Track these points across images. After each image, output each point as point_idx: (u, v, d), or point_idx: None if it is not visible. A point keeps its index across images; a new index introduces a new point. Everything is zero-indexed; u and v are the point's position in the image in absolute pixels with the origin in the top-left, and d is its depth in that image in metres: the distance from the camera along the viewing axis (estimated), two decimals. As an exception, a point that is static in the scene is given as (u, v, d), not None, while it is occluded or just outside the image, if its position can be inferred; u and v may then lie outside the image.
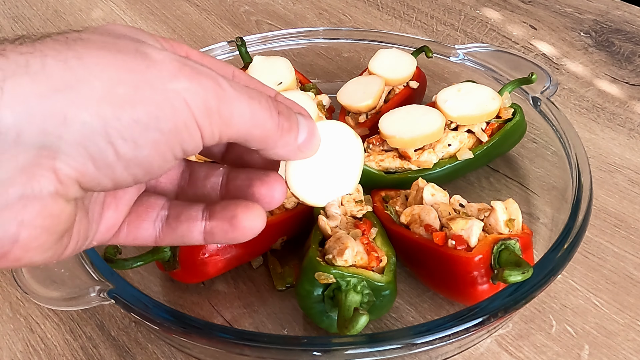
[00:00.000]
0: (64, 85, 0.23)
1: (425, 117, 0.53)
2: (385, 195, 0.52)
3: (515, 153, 0.60)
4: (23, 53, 0.23)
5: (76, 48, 0.24)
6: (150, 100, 0.25)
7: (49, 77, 0.23)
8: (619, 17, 0.82)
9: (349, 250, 0.42)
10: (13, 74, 0.22)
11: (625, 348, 0.45)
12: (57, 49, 0.24)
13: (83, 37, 0.25)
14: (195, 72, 0.26)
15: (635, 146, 0.62)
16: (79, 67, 0.24)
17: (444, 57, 0.64)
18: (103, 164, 0.24)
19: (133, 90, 0.24)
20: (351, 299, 0.41)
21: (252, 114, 0.28)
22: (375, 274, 0.43)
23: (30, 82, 0.23)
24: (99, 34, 0.26)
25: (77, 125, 0.23)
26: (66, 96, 0.23)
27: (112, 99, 0.24)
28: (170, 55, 0.26)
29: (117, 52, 0.25)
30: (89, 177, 0.24)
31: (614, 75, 0.72)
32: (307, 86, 0.62)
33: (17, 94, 0.22)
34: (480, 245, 0.42)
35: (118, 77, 0.24)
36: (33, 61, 0.23)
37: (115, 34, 0.27)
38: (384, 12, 0.86)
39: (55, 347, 0.46)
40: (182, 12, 0.87)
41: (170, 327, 0.38)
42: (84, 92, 0.23)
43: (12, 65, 0.23)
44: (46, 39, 0.24)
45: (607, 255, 0.51)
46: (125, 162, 0.25)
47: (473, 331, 0.38)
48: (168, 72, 0.25)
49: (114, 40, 0.26)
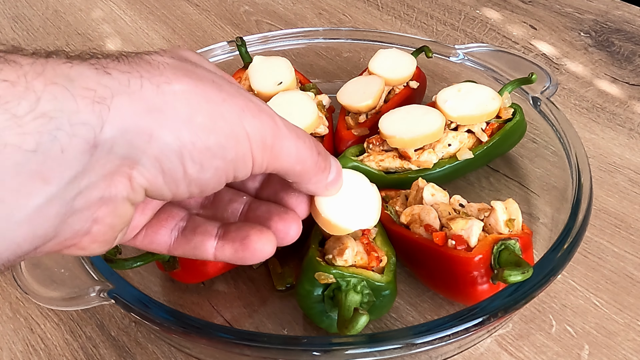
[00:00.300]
0: (155, 107, 0.26)
1: (425, 117, 0.53)
2: (385, 195, 0.52)
3: (515, 153, 0.60)
4: (124, 72, 0.26)
5: (166, 73, 0.27)
6: (221, 131, 0.28)
7: (143, 98, 0.26)
8: (619, 17, 0.82)
9: (349, 250, 0.42)
10: (118, 92, 0.25)
11: (625, 348, 0.45)
12: (151, 71, 0.27)
13: (168, 62, 0.28)
14: (258, 108, 0.30)
15: (635, 146, 0.62)
16: (169, 92, 0.27)
17: (444, 57, 0.64)
18: (171, 179, 0.28)
19: (209, 120, 0.28)
20: (351, 299, 0.41)
21: (297, 151, 0.32)
22: (375, 274, 0.43)
23: (129, 102, 0.25)
24: (177, 59, 0.29)
25: (159, 143, 0.27)
26: (155, 117, 0.26)
27: (192, 125, 0.27)
28: (238, 90, 0.30)
29: (199, 81, 0.28)
30: (156, 188, 0.28)
31: (614, 75, 0.72)
32: (307, 86, 0.62)
33: (118, 112, 0.25)
34: (480, 245, 0.42)
35: (199, 105, 0.28)
36: (133, 81, 0.26)
37: (189, 60, 0.30)
38: (384, 12, 0.86)
39: (55, 347, 0.46)
40: (182, 12, 0.87)
41: (170, 327, 0.38)
42: (170, 116, 0.27)
43: (116, 83, 0.25)
44: (137, 61, 0.27)
45: (607, 255, 0.51)
46: (188, 181, 0.28)
47: (473, 331, 0.38)
48: (238, 107, 0.29)
49: (193, 68, 0.29)
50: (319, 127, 0.57)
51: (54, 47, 0.80)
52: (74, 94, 0.24)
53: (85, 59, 0.26)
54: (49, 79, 0.24)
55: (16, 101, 0.23)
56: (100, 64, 0.26)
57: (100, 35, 0.83)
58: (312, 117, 0.55)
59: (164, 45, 0.80)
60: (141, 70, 0.27)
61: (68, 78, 0.24)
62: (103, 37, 0.82)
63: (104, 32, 0.84)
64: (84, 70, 0.25)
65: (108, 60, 0.26)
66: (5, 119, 0.22)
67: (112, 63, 0.26)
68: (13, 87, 0.23)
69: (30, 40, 0.82)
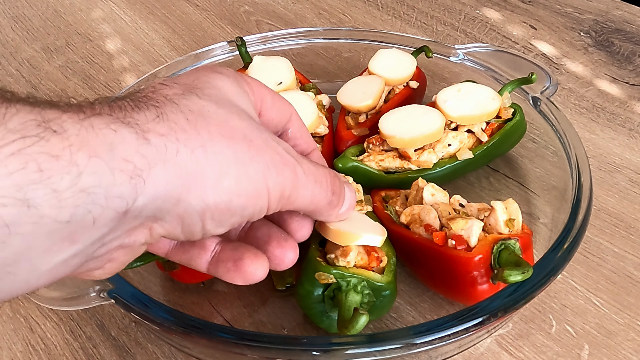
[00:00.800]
0: (187, 174, 0.27)
1: (425, 117, 0.53)
2: (385, 195, 0.52)
3: (515, 153, 0.60)
4: (162, 135, 0.27)
5: (202, 133, 0.28)
6: (245, 192, 0.30)
7: (178, 164, 0.27)
8: (619, 17, 0.82)
9: (353, 252, 0.42)
10: (154, 163, 0.26)
11: (625, 348, 0.45)
12: (187, 131, 0.28)
13: (204, 112, 0.29)
14: (283, 162, 0.31)
15: (635, 146, 0.62)
16: (202, 157, 0.28)
17: (444, 57, 0.64)
18: (188, 230, 0.29)
19: (235, 183, 0.29)
20: (351, 299, 0.41)
21: (312, 196, 0.33)
22: (375, 274, 0.43)
23: (164, 170, 0.26)
24: (214, 102, 0.30)
25: (185, 205, 0.28)
26: (185, 183, 0.27)
27: (218, 189, 0.29)
28: (266, 141, 0.31)
29: (231, 139, 0.29)
30: (173, 235, 0.29)
31: (614, 75, 0.72)
32: (307, 86, 0.62)
33: (153, 183, 0.26)
34: (480, 245, 0.42)
35: (227, 167, 0.29)
36: (170, 148, 0.27)
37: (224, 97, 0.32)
38: (384, 12, 0.86)
39: (55, 347, 0.46)
40: (182, 12, 0.87)
41: (170, 327, 0.38)
42: (199, 180, 0.28)
43: (154, 151, 0.26)
44: (175, 117, 0.28)
45: (607, 255, 0.51)
46: (204, 232, 0.30)
47: (473, 331, 0.38)
48: (264, 165, 0.30)
49: (226, 116, 0.30)
50: (319, 127, 0.57)
51: (53, 47, 0.80)
52: (114, 167, 0.25)
53: (128, 122, 0.26)
54: (92, 149, 0.24)
55: (59, 176, 0.23)
56: (140, 126, 0.26)
57: (100, 35, 0.83)
58: (312, 117, 0.55)
59: (164, 46, 0.80)
60: (178, 131, 0.27)
61: (110, 147, 0.25)
62: (103, 37, 0.82)
63: (104, 32, 0.84)
64: (125, 136, 0.25)
65: (149, 118, 0.27)
66: (45, 192, 0.23)
67: (152, 123, 0.27)
68: (57, 161, 0.23)
69: (30, 40, 0.82)
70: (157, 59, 0.78)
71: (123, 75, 0.76)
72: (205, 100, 0.30)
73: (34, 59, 0.79)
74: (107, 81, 0.75)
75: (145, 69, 0.76)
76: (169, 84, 0.31)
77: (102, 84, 0.74)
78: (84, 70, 0.76)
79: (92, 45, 0.81)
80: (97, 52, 0.80)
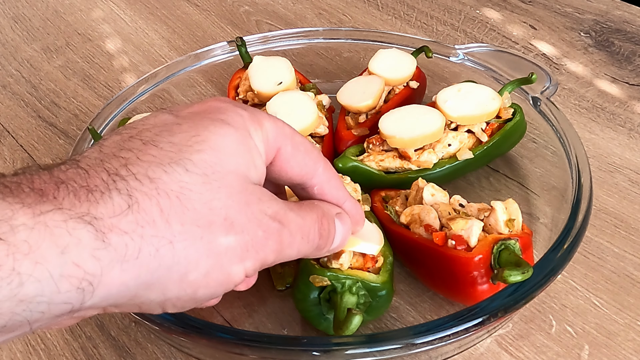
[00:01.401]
0: (147, 274, 0.26)
1: (425, 117, 0.53)
2: (385, 195, 0.52)
3: (515, 153, 0.60)
4: (125, 232, 0.25)
5: (172, 224, 0.26)
6: (215, 282, 0.28)
7: (137, 266, 0.25)
8: (619, 17, 0.82)
9: (346, 254, 0.42)
10: (109, 267, 0.24)
11: (625, 348, 0.45)
12: (156, 223, 0.26)
13: (184, 195, 0.27)
14: (265, 236, 0.30)
15: (635, 146, 0.62)
16: (167, 255, 0.26)
17: (444, 57, 0.64)
18: (147, 311, 0.29)
19: (203, 276, 0.28)
20: (346, 301, 0.41)
21: (298, 252, 0.32)
22: (370, 274, 0.42)
23: (120, 273, 0.25)
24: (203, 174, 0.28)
25: (142, 299, 0.27)
26: (144, 282, 0.26)
27: (182, 284, 0.27)
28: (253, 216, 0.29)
29: (207, 228, 0.27)
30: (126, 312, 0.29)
31: (614, 75, 0.72)
32: (307, 86, 0.62)
33: (104, 287, 0.25)
34: (480, 245, 0.42)
35: (196, 262, 0.27)
36: (132, 247, 0.25)
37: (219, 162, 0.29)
38: (384, 12, 0.86)
39: (55, 347, 0.46)
40: (182, 12, 0.87)
41: (170, 327, 0.38)
42: (161, 280, 0.26)
43: (111, 253, 0.24)
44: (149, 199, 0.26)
45: (607, 255, 0.51)
46: (166, 312, 0.29)
47: (473, 331, 0.38)
48: (242, 248, 0.29)
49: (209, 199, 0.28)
50: (319, 127, 0.57)
51: (54, 47, 0.80)
52: (61, 273, 0.23)
53: (89, 219, 0.24)
54: (40, 254, 0.23)
55: None
56: (104, 221, 0.24)
57: (100, 35, 0.83)
58: (312, 117, 0.55)
59: (164, 46, 0.80)
60: (145, 226, 0.25)
61: (62, 251, 0.23)
62: (103, 37, 0.82)
63: (104, 32, 0.83)
64: (81, 237, 0.24)
65: (117, 210, 0.25)
66: None
67: (118, 218, 0.25)
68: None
69: (30, 40, 0.82)
70: (157, 59, 0.78)
71: (123, 75, 0.76)
72: (192, 175, 0.28)
73: (34, 59, 0.79)
74: (107, 81, 0.75)
75: (145, 69, 0.76)
76: (162, 141, 0.28)
77: (102, 84, 0.74)
78: (84, 70, 0.76)
79: (92, 45, 0.81)
80: (97, 52, 0.80)
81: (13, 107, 0.71)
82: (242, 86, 0.62)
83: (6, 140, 0.67)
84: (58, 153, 0.64)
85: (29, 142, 0.66)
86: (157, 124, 0.30)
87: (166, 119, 0.30)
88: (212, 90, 0.70)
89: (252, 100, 0.61)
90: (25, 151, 0.65)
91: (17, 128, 0.68)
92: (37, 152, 0.65)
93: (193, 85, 0.70)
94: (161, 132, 0.29)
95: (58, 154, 0.64)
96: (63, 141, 0.66)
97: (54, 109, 0.70)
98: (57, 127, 0.68)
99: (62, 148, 0.65)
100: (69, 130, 0.67)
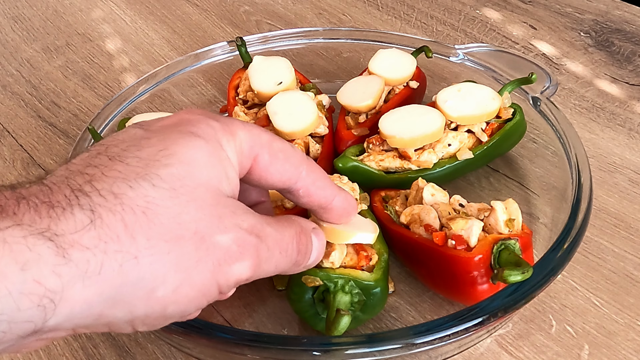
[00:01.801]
0: (111, 290, 0.25)
1: (425, 117, 0.53)
2: (385, 195, 0.52)
3: (515, 153, 0.60)
4: (86, 248, 0.24)
5: (138, 239, 0.25)
6: (185, 298, 0.27)
7: (100, 282, 0.24)
8: (619, 17, 0.82)
9: (336, 252, 0.42)
10: (70, 283, 0.24)
11: (625, 348, 0.45)
12: (120, 239, 0.25)
13: (150, 210, 0.26)
14: (240, 251, 0.29)
15: (635, 146, 0.62)
16: (132, 270, 0.25)
17: (444, 57, 0.64)
18: (117, 331, 0.28)
19: (172, 292, 0.26)
20: (340, 300, 0.41)
21: (276, 267, 0.32)
22: (363, 272, 0.42)
23: (82, 289, 0.24)
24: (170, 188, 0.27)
25: (109, 318, 0.26)
26: (108, 299, 0.25)
27: (150, 301, 0.26)
28: (226, 230, 0.28)
29: (175, 242, 0.26)
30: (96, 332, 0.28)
31: (614, 75, 0.72)
32: (307, 86, 0.62)
33: (67, 304, 0.24)
34: (480, 245, 0.42)
35: (164, 278, 0.26)
36: (93, 263, 0.24)
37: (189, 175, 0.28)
38: (384, 12, 0.86)
39: (55, 347, 0.46)
40: (182, 12, 0.87)
41: (170, 327, 0.38)
42: (126, 296, 0.25)
43: (72, 269, 0.24)
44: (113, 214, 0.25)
45: (607, 255, 0.51)
46: (137, 330, 0.28)
47: (473, 331, 0.38)
48: (215, 261, 0.27)
49: (177, 213, 0.27)
50: (319, 127, 0.57)
51: (54, 47, 0.80)
52: (21, 291, 0.23)
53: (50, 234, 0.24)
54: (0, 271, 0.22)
55: None
56: (65, 237, 0.24)
57: (100, 35, 0.83)
58: (312, 117, 0.55)
59: (164, 46, 0.80)
60: (109, 241, 0.25)
61: (22, 267, 0.23)
62: (103, 37, 0.82)
63: (104, 32, 0.83)
64: (42, 253, 0.23)
65: (79, 225, 0.24)
66: None
67: (79, 233, 0.24)
68: None
69: (30, 40, 0.82)
70: (157, 59, 0.78)
71: (123, 75, 0.76)
72: (158, 189, 0.27)
73: (34, 59, 0.79)
74: (107, 81, 0.75)
75: (145, 69, 0.76)
76: (128, 156, 0.28)
77: (102, 84, 0.74)
78: (84, 70, 0.76)
79: (92, 45, 0.81)
80: (97, 52, 0.80)
81: (13, 107, 0.71)
82: (242, 86, 0.62)
83: (6, 140, 0.67)
84: (58, 153, 0.64)
85: (29, 142, 0.66)
86: (126, 139, 0.29)
87: (135, 133, 0.29)
88: (212, 90, 0.70)
89: (252, 100, 0.61)
90: (25, 151, 0.65)
91: (17, 128, 0.68)
92: (37, 152, 0.65)
93: (193, 85, 0.70)
94: (129, 147, 0.28)
95: (58, 154, 0.64)
96: (63, 141, 0.66)
97: (54, 109, 0.70)
98: (57, 127, 0.68)
99: (62, 148, 0.65)
100: (69, 130, 0.67)
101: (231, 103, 0.62)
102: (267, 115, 0.56)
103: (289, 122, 0.54)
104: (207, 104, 0.69)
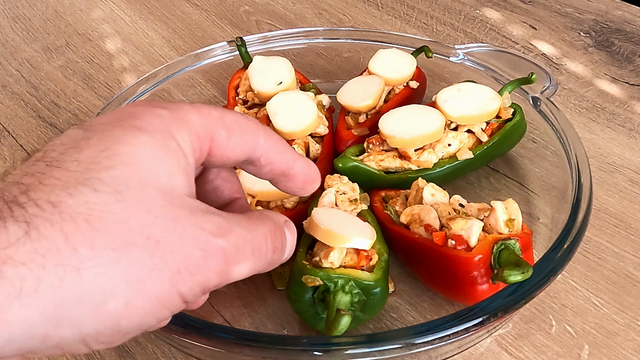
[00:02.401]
0: (52, 308, 0.23)
1: (425, 117, 0.53)
2: (385, 195, 0.52)
3: (515, 153, 0.60)
4: (22, 263, 0.22)
5: (80, 250, 0.23)
6: (140, 311, 0.25)
7: (38, 300, 0.22)
8: (619, 17, 0.82)
9: (335, 252, 0.42)
10: (7, 303, 0.22)
11: (625, 348, 0.45)
12: (60, 250, 0.23)
13: (93, 217, 0.24)
14: (204, 255, 0.26)
15: (635, 146, 0.62)
16: (75, 284, 0.23)
17: (444, 57, 0.64)
18: (74, 351, 0.25)
19: (124, 305, 0.24)
20: (340, 300, 0.41)
21: (250, 269, 0.29)
22: (363, 272, 0.42)
23: (19, 309, 0.22)
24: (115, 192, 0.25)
25: (56, 339, 0.23)
26: (50, 319, 0.23)
27: (99, 316, 0.24)
28: (185, 232, 0.26)
29: (124, 250, 0.24)
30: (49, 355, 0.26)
31: (614, 75, 0.72)
32: (307, 86, 0.62)
33: (5, 328, 0.22)
34: (480, 245, 0.42)
35: (112, 290, 0.24)
36: (29, 279, 0.22)
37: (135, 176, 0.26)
38: (384, 12, 0.86)
39: (55, 347, 0.46)
40: (182, 12, 0.87)
41: (170, 327, 0.38)
42: (70, 313, 0.23)
43: (7, 288, 0.22)
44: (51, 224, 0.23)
45: (607, 255, 0.51)
46: (95, 348, 0.26)
47: (473, 331, 0.38)
48: (173, 269, 0.25)
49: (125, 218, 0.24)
50: (319, 127, 0.57)
51: (54, 47, 0.80)
52: None
53: None
54: None
55: None
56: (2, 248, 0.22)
57: (100, 35, 0.83)
58: (312, 117, 0.55)
59: (164, 46, 0.80)
60: (47, 254, 0.22)
61: None
62: (103, 37, 0.82)
63: (104, 32, 0.84)
64: None
65: (13, 237, 0.22)
66: None
67: (14, 247, 0.22)
68: None
69: (30, 40, 0.82)
70: (157, 59, 0.78)
71: (123, 75, 0.76)
72: (101, 194, 0.24)
73: (34, 59, 0.79)
74: (107, 81, 0.75)
75: (145, 69, 0.76)
76: (67, 160, 0.25)
77: (102, 84, 0.74)
78: (84, 70, 0.76)
79: (92, 45, 0.81)
80: (97, 52, 0.80)
81: (13, 107, 0.71)
82: (242, 86, 0.62)
83: (6, 140, 0.67)
84: (58, 153, 0.64)
85: (29, 142, 0.66)
86: (65, 142, 0.27)
87: (75, 134, 0.27)
88: (212, 90, 0.71)
89: (252, 100, 0.61)
90: (25, 151, 0.65)
91: (17, 128, 0.68)
92: (37, 152, 0.65)
93: (193, 85, 0.70)
94: (67, 151, 0.26)
95: (58, 154, 0.64)
96: (63, 141, 0.66)
97: (54, 109, 0.70)
98: (57, 127, 0.68)
99: (62, 148, 0.65)
100: (69, 130, 0.67)
101: (231, 103, 0.62)
102: (267, 116, 0.56)
103: (289, 122, 0.54)
104: (207, 104, 0.69)
